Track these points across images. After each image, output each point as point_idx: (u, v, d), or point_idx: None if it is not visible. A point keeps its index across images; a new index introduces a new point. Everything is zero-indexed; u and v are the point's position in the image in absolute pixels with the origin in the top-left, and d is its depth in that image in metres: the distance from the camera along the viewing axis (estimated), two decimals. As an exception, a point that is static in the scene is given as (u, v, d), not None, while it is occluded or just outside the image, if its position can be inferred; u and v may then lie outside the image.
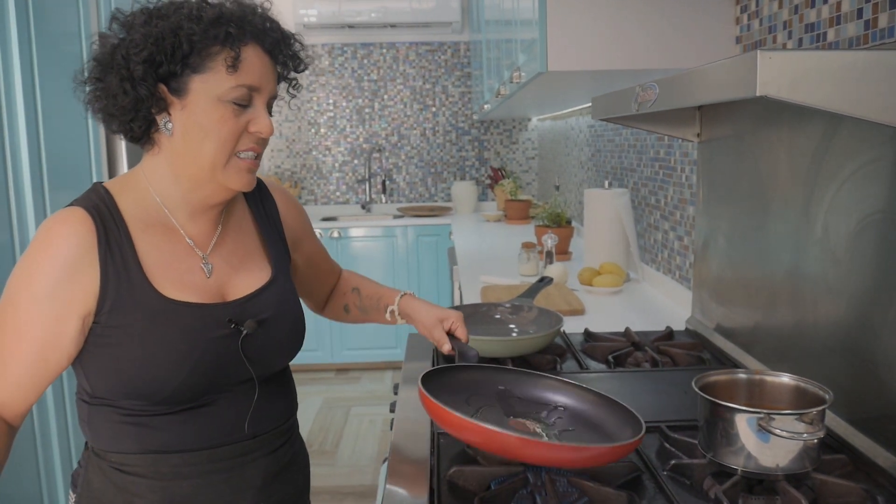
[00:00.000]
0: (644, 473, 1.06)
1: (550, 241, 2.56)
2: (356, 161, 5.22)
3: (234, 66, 0.97)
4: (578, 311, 2.04)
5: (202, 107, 0.97)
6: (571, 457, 0.95)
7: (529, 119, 5.20)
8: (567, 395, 1.18)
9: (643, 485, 1.03)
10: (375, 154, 5.20)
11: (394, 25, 4.83)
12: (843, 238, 1.15)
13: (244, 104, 0.99)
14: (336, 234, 4.53)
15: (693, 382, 1.06)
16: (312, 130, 5.18)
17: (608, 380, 1.48)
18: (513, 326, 1.69)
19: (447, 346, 1.22)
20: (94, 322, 0.99)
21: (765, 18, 1.56)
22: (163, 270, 1.02)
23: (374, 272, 4.47)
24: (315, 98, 5.14)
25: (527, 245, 2.76)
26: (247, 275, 1.11)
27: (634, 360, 1.57)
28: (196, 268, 1.06)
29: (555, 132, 4.48)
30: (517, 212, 4.27)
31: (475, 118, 5.05)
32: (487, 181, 5.25)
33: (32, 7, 2.08)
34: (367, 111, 5.17)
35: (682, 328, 1.83)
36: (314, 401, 4.16)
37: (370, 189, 5.20)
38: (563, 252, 2.96)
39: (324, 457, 3.44)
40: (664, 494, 0.99)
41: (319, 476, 3.11)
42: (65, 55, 2.25)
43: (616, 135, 2.92)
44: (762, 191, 1.42)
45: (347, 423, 3.84)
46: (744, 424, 0.97)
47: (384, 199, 5.21)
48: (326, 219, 4.91)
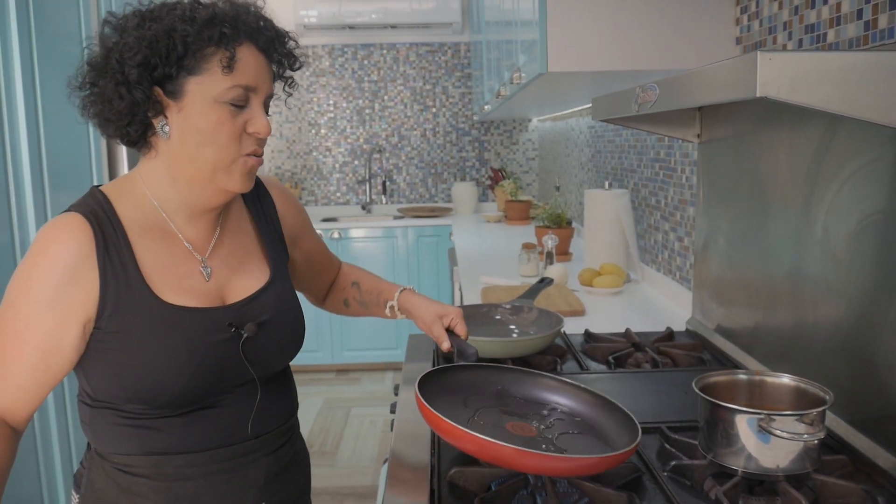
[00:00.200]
0: (644, 474, 1.06)
1: (551, 242, 2.56)
2: (356, 162, 5.22)
3: (230, 67, 0.96)
4: (579, 312, 2.04)
5: (199, 108, 0.96)
6: (566, 466, 0.95)
7: (530, 120, 5.20)
8: (566, 396, 1.18)
9: (643, 486, 1.03)
10: (376, 155, 5.20)
11: (394, 26, 4.83)
12: (844, 238, 1.15)
13: (241, 105, 0.98)
14: (336, 235, 4.53)
15: (693, 383, 1.06)
16: (313, 131, 5.18)
17: (608, 380, 1.48)
18: (513, 327, 1.69)
19: (446, 344, 1.21)
20: (95, 328, 0.99)
21: (765, 19, 1.56)
22: (162, 275, 1.02)
23: (375, 272, 4.46)
24: (315, 99, 5.15)
25: (527, 246, 2.76)
26: (246, 276, 1.10)
27: (635, 361, 1.57)
28: (195, 271, 1.05)
29: (555, 133, 4.48)
30: (517, 212, 4.27)
31: (475, 119, 5.05)
32: (488, 182, 5.25)
33: (33, 7, 2.08)
34: (368, 112, 5.17)
35: (683, 329, 1.83)
36: (315, 401, 4.16)
37: (370, 190, 5.20)
38: (564, 253, 2.97)
39: (324, 457, 3.43)
40: (664, 495, 0.99)
41: (320, 477, 3.11)
42: (65, 55, 2.25)
43: (616, 135, 2.92)
44: (762, 191, 1.42)
45: (348, 424, 3.84)
46: (744, 425, 0.97)
47: (384, 200, 5.21)
48: (327, 219, 4.92)
